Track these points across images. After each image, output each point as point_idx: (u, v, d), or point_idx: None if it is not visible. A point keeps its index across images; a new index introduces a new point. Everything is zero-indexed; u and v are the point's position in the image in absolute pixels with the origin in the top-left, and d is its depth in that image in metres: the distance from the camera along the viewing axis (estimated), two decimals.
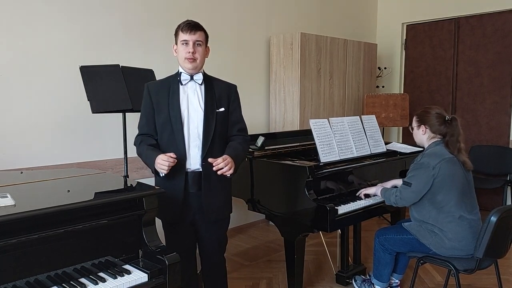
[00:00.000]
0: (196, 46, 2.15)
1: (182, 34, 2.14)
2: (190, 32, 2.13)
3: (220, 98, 2.24)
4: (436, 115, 2.65)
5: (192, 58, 2.13)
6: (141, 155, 2.23)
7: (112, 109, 2.86)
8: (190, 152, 2.18)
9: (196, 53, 2.14)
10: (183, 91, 2.20)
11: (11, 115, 3.03)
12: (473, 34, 5.21)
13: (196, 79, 2.20)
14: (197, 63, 2.16)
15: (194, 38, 2.13)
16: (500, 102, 5.06)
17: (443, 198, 2.54)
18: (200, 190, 2.19)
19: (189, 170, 2.19)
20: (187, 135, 2.17)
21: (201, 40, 2.16)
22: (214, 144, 2.19)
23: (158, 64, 3.61)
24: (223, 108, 2.23)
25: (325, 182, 2.74)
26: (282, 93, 4.55)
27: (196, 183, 2.19)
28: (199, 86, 2.22)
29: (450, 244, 2.52)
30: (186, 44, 2.14)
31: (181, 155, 2.14)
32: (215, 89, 2.24)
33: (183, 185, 2.17)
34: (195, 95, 2.20)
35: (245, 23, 4.42)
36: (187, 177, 2.18)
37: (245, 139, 2.33)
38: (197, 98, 2.20)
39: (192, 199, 2.21)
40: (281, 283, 3.25)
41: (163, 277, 1.75)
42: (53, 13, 3.17)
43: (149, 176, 3.70)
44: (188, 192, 2.20)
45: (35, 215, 1.54)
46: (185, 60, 2.15)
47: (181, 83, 2.20)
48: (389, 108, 4.88)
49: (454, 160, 2.57)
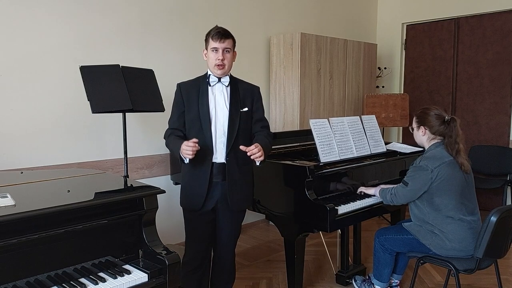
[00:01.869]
0: (225, 53, 2.33)
1: (212, 42, 2.32)
2: (220, 40, 2.30)
3: (244, 98, 2.43)
4: (435, 116, 2.64)
5: (222, 65, 2.32)
6: (169, 144, 2.40)
7: (112, 109, 2.86)
8: (216, 147, 2.36)
9: (225, 59, 2.33)
10: (211, 91, 2.39)
11: (11, 115, 3.03)
12: (473, 34, 5.21)
13: (223, 82, 2.39)
14: (225, 69, 2.35)
15: (223, 46, 2.31)
16: (499, 102, 5.06)
17: (441, 201, 2.54)
18: (224, 180, 2.37)
19: (215, 162, 2.36)
20: (214, 131, 2.36)
21: (229, 47, 2.34)
22: (238, 140, 2.35)
23: (157, 64, 3.62)
24: (246, 108, 2.42)
25: (325, 182, 2.74)
26: (282, 93, 4.55)
27: (221, 174, 2.37)
28: (226, 88, 2.40)
29: (450, 245, 2.52)
30: (216, 51, 2.32)
31: (208, 149, 2.34)
32: (239, 90, 2.43)
33: (209, 175, 2.35)
34: (222, 95, 2.39)
35: (245, 23, 4.42)
36: (213, 167, 2.36)
37: (270, 134, 2.50)
38: (223, 99, 2.39)
39: (216, 188, 2.38)
40: (281, 283, 3.26)
41: (163, 277, 1.75)
42: (53, 13, 3.17)
43: (149, 176, 3.72)
44: (212, 181, 2.37)
45: (35, 215, 1.54)
46: (215, 67, 2.33)
47: (209, 84, 2.38)
48: (389, 108, 4.88)
49: (454, 163, 2.55)
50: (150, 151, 3.75)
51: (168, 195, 2.50)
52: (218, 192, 2.38)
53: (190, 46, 3.92)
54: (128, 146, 3.10)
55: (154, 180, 3.74)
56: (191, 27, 3.95)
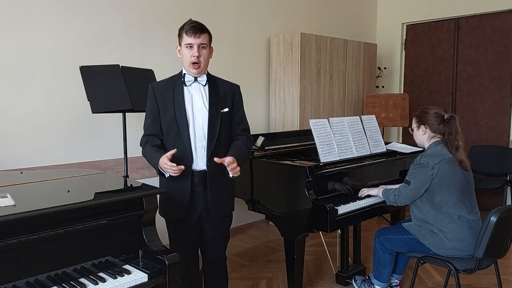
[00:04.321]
0: (201, 49, 2.15)
1: (187, 37, 2.14)
2: (194, 35, 2.12)
3: (224, 98, 2.26)
4: (434, 114, 2.68)
5: (197, 63, 2.14)
6: (146, 156, 2.24)
7: (112, 109, 2.86)
8: (196, 152, 2.20)
9: (201, 56, 2.15)
10: (187, 91, 2.21)
11: (11, 115, 3.03)
12: (473, 34, 5.21)
13: (200, 81, 2.22)
14: (201, 68, 2.18)
15: (198, 42, 2.13)
16: (499, 102, 5.06)
17: (441, 198, 2.55)
18: (205, 189, 2.22)
19: (195, 170, 2.20)
20: (192, 135, 2.19)
21: (205, 42, 2.16)
22: (219, 144, 2.21)
23: (158, 64, 3.62)
24: (227, 108, 2.25)
25: (325, 182, 2.74)
26: (282, 93, 4.55)
27: (201, 182, 2.21)
28: (203, 87, 2.23)
29: (450, 245, 2.52)
30: (190, 47, 2.14)
31: (187, 156, 2.17)
32: (219, 89, 2.26)
33: (189, 185, 2.19)
34: (200, 95, 2.21)
35: (245, 23, 4.42)
36: (193, 176, 2.20)
37: (249, 139, 2.35)
38: (201, 99, 2.21)
39: (198, 197, 2.23)
40: (281, 283, 3.25)
41: (163, 277, 1.75)
42: (53, 13, 3.17)
43: (149, 176, 3.71)
44: (194, 191, 2.22)
45: (35, 215, 1.54)
46: (190, 65, 2.16)
47: (185, 84, 2.21)
48: (389, 108, 4.88)
49: (453, 161, 2.58)
50: None
51: None
52: (201, 202, 2.23)
53: None
54: (128, 146, 3.09)
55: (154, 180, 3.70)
56: None
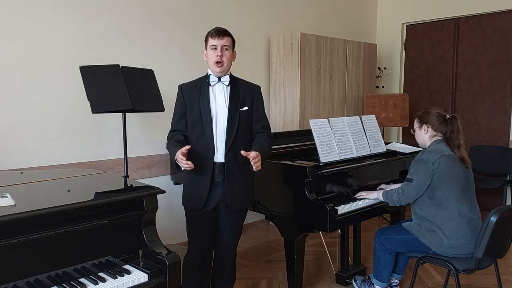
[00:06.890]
0: (224, 50, 2.35)
1: (211, 39, 2.35)
2: (218, 37, 2.33)
3: (244, 97, 2.44)
4: (436, 114, 2.72)
5: (220, 62, 2.34)
6: (168, 149, 2.43)
7: (112, 109, 2.86)
8: (217, 146, 2.38)
9: (224, 56, 2.35)
10: (212, 91, 2.41)
11: (11, 115, 3.03)
12: (473, 34, 5.21)
13: (223, 81, 2.41)
14: (224, 67, 2.36)
15: (222, 43, 2.34)
16: (499, 102, 5.06)
17: (442, 194, 2.56)
18: (224, 180, 2.39)
19: (216, 162, 2.38)
20: (215, 131, 2.38)
21: (228, 44, 2.36)
22: (237, 139, 2.38)
23: (158, 64, 3.62)
24: (246, 107, 2.43)
25: (325, 182, 2.74)
26: (282, 93, 4.55)
27: (221, 173, 2.39)
28: (226, 87, 2.42)
29: (449, 243, 2.52)
30: (215, 48, 2.35)
31: (210, 149, 2.37)
32: (239, 90, 2.45)
33: (211, 174, 2.38)
34: (222, 95, 2.41)
35: (246, 23, 4.42)
36: (214, 167, 2.38)
37: (270, 136, 2.51)
38: (223, 98, 2.41)
39: (218, 187, 2.40)
40: (281, 283, 3.26)
41: (163, 277, 1.75)
42: (53, 13, 3.17)
43: (149, 176, 3.72)
44: (214, 181, 2.39)
45: (35, 215, 1.54)
46: (214, 64, 2.35)
47: (210, 84, 2.40)
48: (389, 108, 4.89)
49: (454, 157, 2.61)
50: (150, 151, 3.75)
51: (168, 195, 2.51)
52: (220, 191, 2.40)
53: (191, 46, 3.93)
54: (128, 146, 3.10)
55: (154, 180, 3.74)
56: (191, 27, 3.95)
